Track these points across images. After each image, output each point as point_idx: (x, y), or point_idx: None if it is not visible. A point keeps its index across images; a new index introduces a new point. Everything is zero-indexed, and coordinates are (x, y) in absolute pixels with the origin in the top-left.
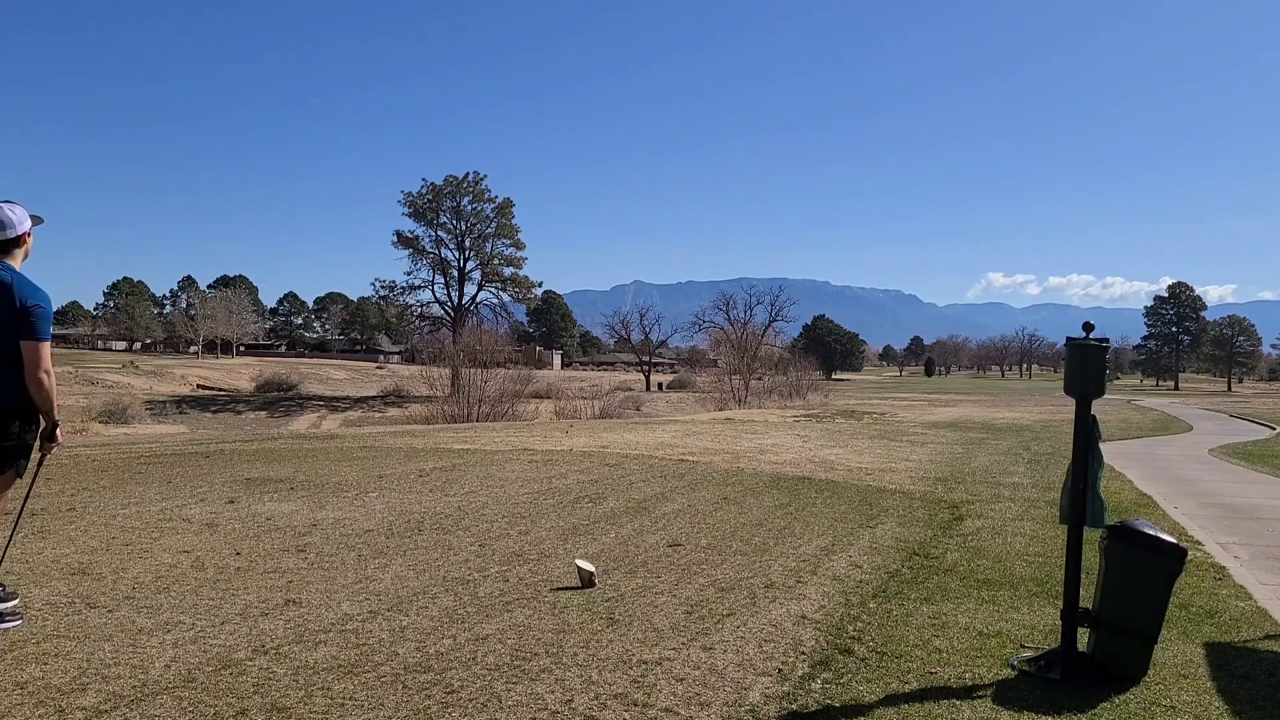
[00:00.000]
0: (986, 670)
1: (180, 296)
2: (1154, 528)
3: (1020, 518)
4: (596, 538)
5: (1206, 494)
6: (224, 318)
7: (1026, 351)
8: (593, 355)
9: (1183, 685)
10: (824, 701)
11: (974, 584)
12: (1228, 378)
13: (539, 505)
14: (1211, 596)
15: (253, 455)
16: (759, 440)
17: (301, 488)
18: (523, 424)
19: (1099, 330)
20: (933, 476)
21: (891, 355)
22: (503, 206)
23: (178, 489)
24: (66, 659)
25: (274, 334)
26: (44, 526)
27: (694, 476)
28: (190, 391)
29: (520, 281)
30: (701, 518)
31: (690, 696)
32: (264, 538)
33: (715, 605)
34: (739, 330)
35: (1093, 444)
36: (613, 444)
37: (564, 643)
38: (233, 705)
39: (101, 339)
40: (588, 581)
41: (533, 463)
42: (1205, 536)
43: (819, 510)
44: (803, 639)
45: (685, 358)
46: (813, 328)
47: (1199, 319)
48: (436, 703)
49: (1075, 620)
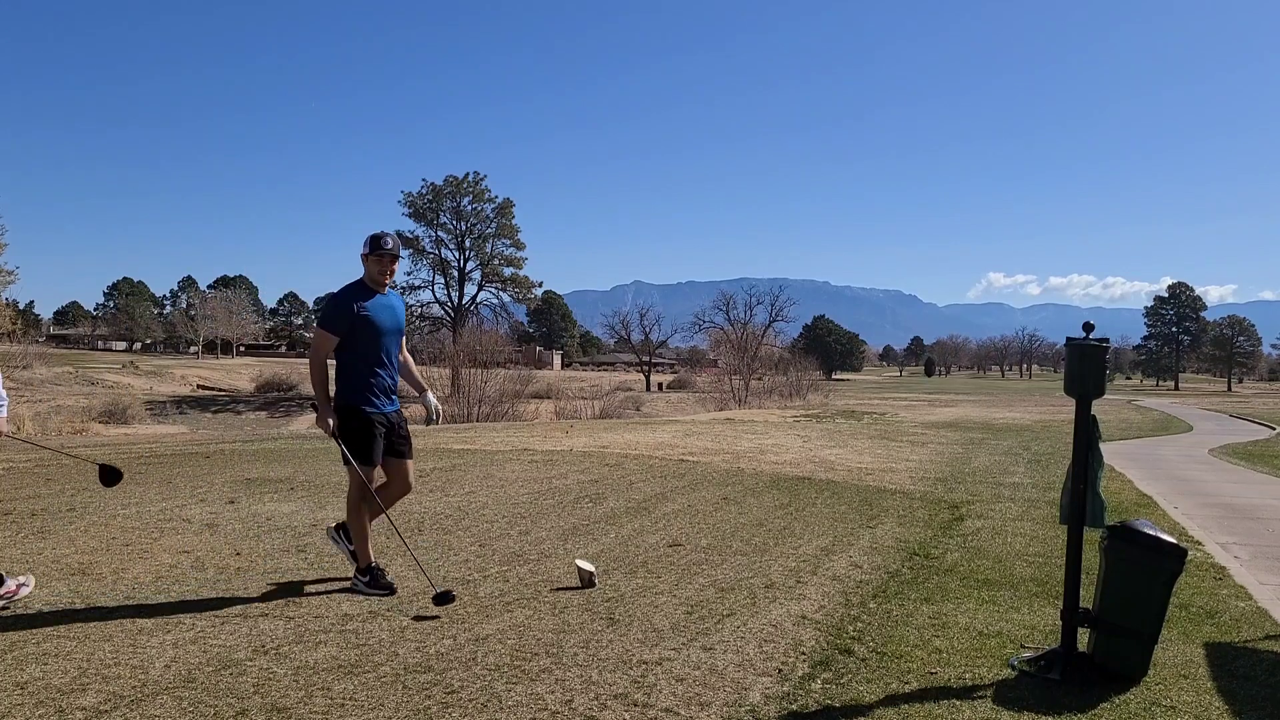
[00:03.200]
0: (986, 670)
1: (180, 297)
2: (1154, 528)
3: (1020, 518)
4: (596, 538)
5: (1206, 494)
6: (224, 318)
7: (1026, 352)
8: (593, 355)
9: (1183, 685)
10: (824, 701)
11: (974, 584)
12: (1228, 378)
13: (539, 505)
14: (1211, 596)
15: (253, 455)
16: (759, 440)
17: (301, 488)
18: (523, 424)
19: (1099, 330)
20: (933, 476)
21: (891, 355)
22: (503, 207)
23: (178, 489)
24: (66, 659)
25: (274, 334)
26: (44, 526)
27: (694, 476)
28: (190, 392)
29: (520, 282)
30: (701, 518)
31: (690, 696)
32: (264, 538)
33: (715, 605)
34: (739, 330)
35: (1093, 444)
36: (613, 444)
37: (564, 643)
38: (233, 705)
39: (101, 339)
40: (588, 582)
41: (533, 463)
42: (1205, 536)
43: (819, 510)
44: (803, 639)
45: (685, 358)
46: (813, 328)
47: (1199, 319)
48: (436, 703)
49: (1075, 620)
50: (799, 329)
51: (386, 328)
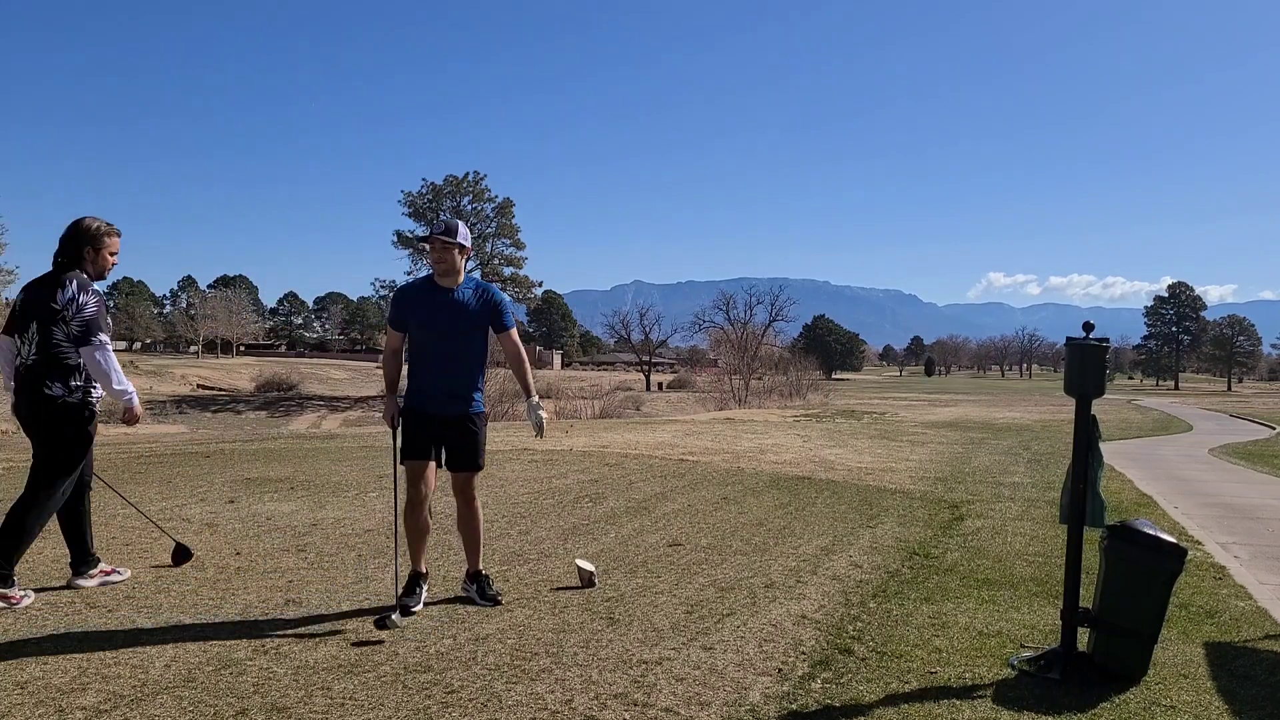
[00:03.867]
0: (986, 670)
1: (180, 296)
2: (1154, 527)
3: (1020, 517)
4: (596, 538)
5: (1206, 494)
6: (224, 318)
7: (1027, 351)
8: (593, 355)
9: (1183, 685)
10: (824, 701)
11: (974, 584)
12: (1228, 378)
13: (539, 505)
14: (1211, 596)
15: (253, 455)
16: (759, 440)
17: (301, 488)
18: (522, 424)
19: (1099, 330)
20: (933, 476)
21: (891, 355)
22: (503, 206)
23: (177, 489)
24: (66, 659)
25: (274, 334)
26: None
27: (694, 476)
28: (190, 391)
29: (520, 281)
30: (701, 517)
31: (690, 696)
32: (264, 538)
33: (715, 605)
34: (739, 330)
35: (1093, 444)
36: (613, 444)
37: (564, 642)
38: (233, 705)
39: None
40: (588, 581)
41: (533, 463)
42: (1205, 536)
43: (819, 510)
44: (803, 639)
45: (685, 358)
46: (813, 328)
47: (1199, 319)
48: (436, 703)
49: (1075, 620)
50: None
51: (439, 327)
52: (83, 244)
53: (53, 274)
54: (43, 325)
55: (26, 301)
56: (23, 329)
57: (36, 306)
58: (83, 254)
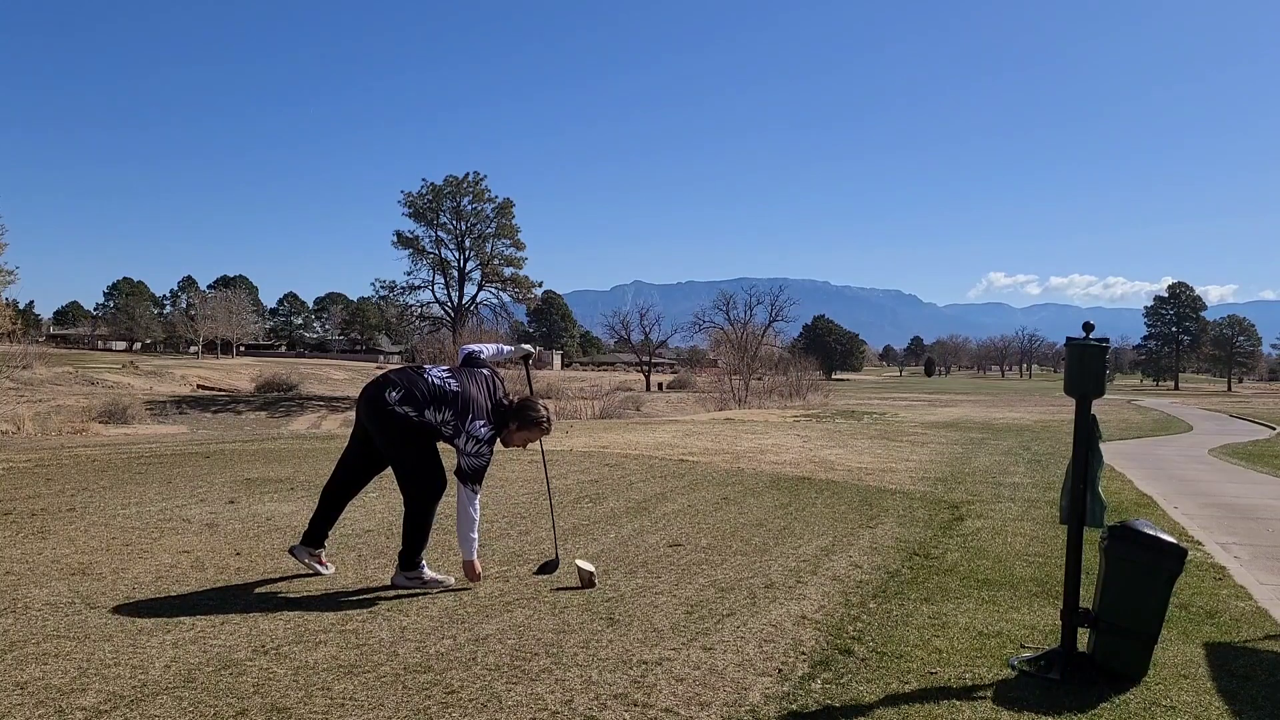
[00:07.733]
0: (986, 670)
1: (180, 296)
2: (1154, 528)
3: (1020, 518)
4: (596, 538)
5: (1206, 494)
6: (224, 318)
7: (1027, 352)
8: (593, 355)
9: (1183, 685)
10: (824, 701)
11: (974, 584)
12: (1228, 378)
13: (539, 505)
14: (1211, 596)
15: (253, 455)
16: (759, 440)
17: (301, 488)
18: None
19: (1099, 330)
20: (933, 476)
21: (891, 355)
22: (503, 206)
23: (178, 489)
24: (66, 659)
25: (274, 334)
26: (44, 526)
27: (694, 476)
28: (190, 392)
29: (520, 281)
30: (701, 518)
31: (690, 696)
32: (264, 538)
33: (715, 605)
34: (739, 330)
35: (1093, 444)
36: (613, 444)
37: (564, 643)
38: (233, 705)
39: (101, 339)
40: (588, 582)
41: (533, 463)
42: (1205, 536)
43: (819, 510)
44: (803, 639)
45: (685, 358)
46: (813, 328)
47: (1199, 319)
48: (436, 703)
49: (1075, 620)
50: (799, 329)
51: None
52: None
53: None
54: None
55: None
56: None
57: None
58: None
